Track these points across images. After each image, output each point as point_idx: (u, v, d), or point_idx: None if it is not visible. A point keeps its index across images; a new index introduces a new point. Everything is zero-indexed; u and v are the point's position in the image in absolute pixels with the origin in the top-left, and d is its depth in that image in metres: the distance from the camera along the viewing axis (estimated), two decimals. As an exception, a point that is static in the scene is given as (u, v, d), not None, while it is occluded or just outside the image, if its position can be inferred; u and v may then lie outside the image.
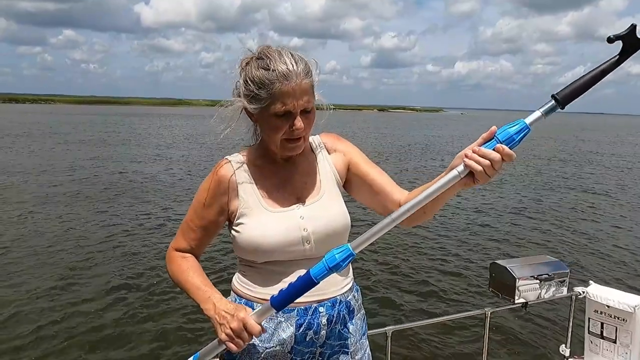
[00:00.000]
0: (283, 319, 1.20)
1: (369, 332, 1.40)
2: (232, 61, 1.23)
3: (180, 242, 1.28)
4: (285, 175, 1.27)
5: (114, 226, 8.53)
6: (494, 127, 0.96)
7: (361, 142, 27.83)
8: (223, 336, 1.07)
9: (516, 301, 2.31)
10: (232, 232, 1.24)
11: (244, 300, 1.23)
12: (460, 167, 0.97)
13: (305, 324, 1.20)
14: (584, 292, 2.50)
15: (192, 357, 1.14)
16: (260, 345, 1.20)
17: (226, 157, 1.28)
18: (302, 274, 1.07)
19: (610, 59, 0.91)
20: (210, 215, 1.24)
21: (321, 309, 1.22)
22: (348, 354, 1.27)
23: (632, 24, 0.87)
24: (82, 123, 46.14)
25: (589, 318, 2.52)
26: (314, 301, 1.21)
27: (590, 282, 2.56)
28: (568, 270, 2.44)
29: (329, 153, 1.33)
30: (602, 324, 2.46)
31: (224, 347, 1.09)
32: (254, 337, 1.08)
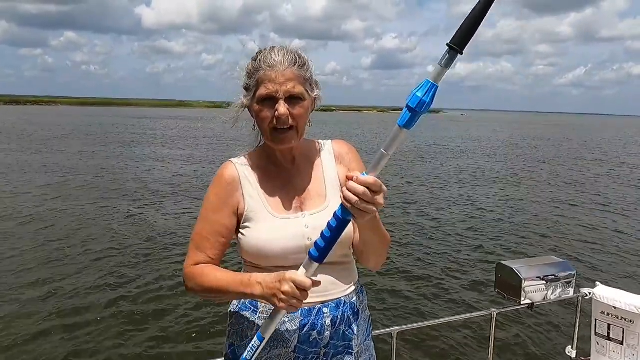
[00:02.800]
0: (287, 319, 1.19)
1: (374, 332, 1.39)
2: (233, 63, 1.25)
3: (195, 255, 1.21)
4: (288, 177, 1.27)
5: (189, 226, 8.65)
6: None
7: (366, 143, 27.79)
8: (281, 304, 1.02)
9: (522, 302, 2.30)
10: (238, 234, 1.23)
11: (248, 299, 1.24)
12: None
13: (309, 324, 1.20)
14: (590, 294, 2.48)
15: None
16: (264, 345, 1.20)
17: (230, 159, 1.28)
18: None
19: None
20: (223, 219, 1.21)
21: (325, 310, 1.22)
22: (352, 355, 1.27)
23: None
24: (106, 125, 46.53)
25: (595, 319, 2.51)
26: (318, 302, 1.21)
27: (597, 283, 2.54)
28: (574, 272, 2.42)
29: (337, 161, 1.31)
30: (608, 325, 2.45)
31: (284, 313, 1.06)
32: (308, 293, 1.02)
